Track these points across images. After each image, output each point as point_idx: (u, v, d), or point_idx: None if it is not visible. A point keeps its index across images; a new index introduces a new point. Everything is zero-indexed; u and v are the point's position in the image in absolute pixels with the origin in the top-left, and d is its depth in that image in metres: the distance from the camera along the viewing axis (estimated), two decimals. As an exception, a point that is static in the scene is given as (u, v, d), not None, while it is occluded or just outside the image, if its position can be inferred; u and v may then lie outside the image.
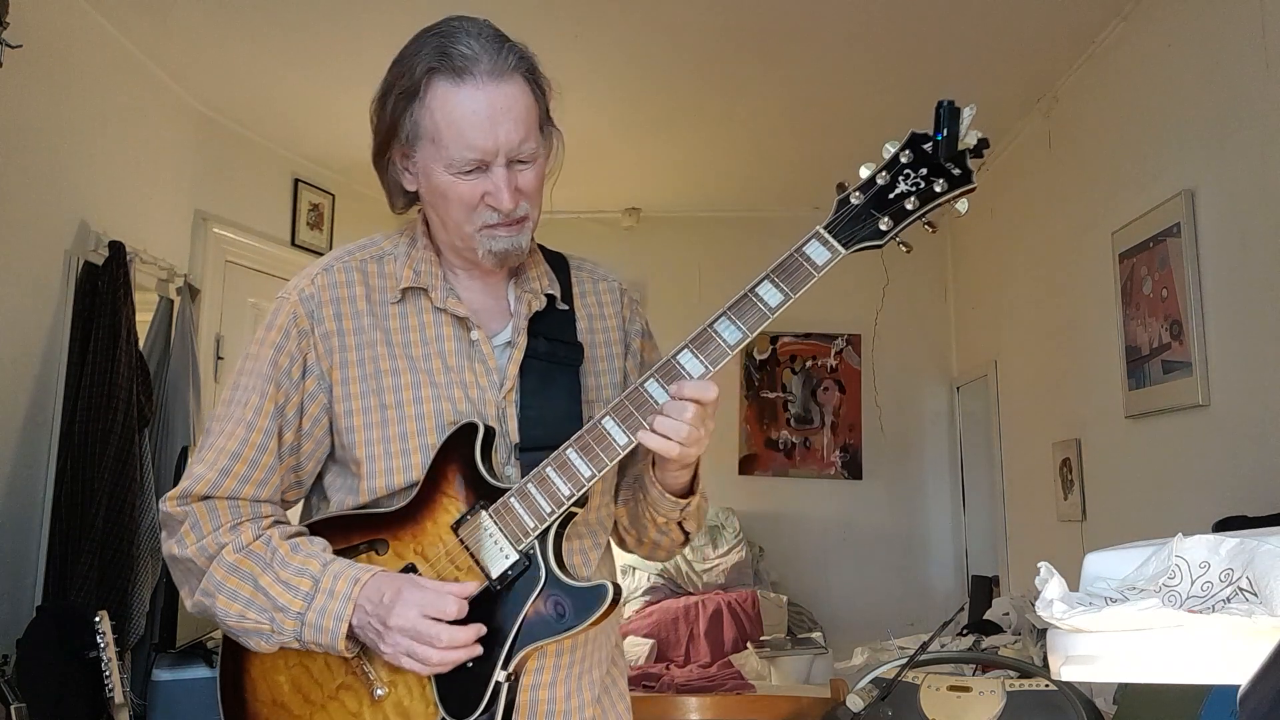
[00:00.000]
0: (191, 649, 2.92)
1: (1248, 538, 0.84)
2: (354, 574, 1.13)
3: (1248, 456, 2.33)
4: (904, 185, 1.16)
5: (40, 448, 2.82)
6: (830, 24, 3.11)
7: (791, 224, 5.54)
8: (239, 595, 1.14)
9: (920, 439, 4.90)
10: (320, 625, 1.11)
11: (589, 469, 1.14)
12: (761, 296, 1.15)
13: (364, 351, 1.22)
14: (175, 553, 1.18)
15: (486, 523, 1.15)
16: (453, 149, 1.14)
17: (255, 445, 1.19)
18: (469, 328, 1.24)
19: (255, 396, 1.20)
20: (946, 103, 1.16)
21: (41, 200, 2.85)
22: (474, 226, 1.18)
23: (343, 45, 3.29)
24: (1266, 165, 2.27)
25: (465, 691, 1.12)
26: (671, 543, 1.35)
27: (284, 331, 1.22)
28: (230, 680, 1.23)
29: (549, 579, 1.14)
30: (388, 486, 1.20)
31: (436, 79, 1.15)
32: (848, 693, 1.91)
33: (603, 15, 3.01)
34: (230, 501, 1.19)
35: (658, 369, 1.15)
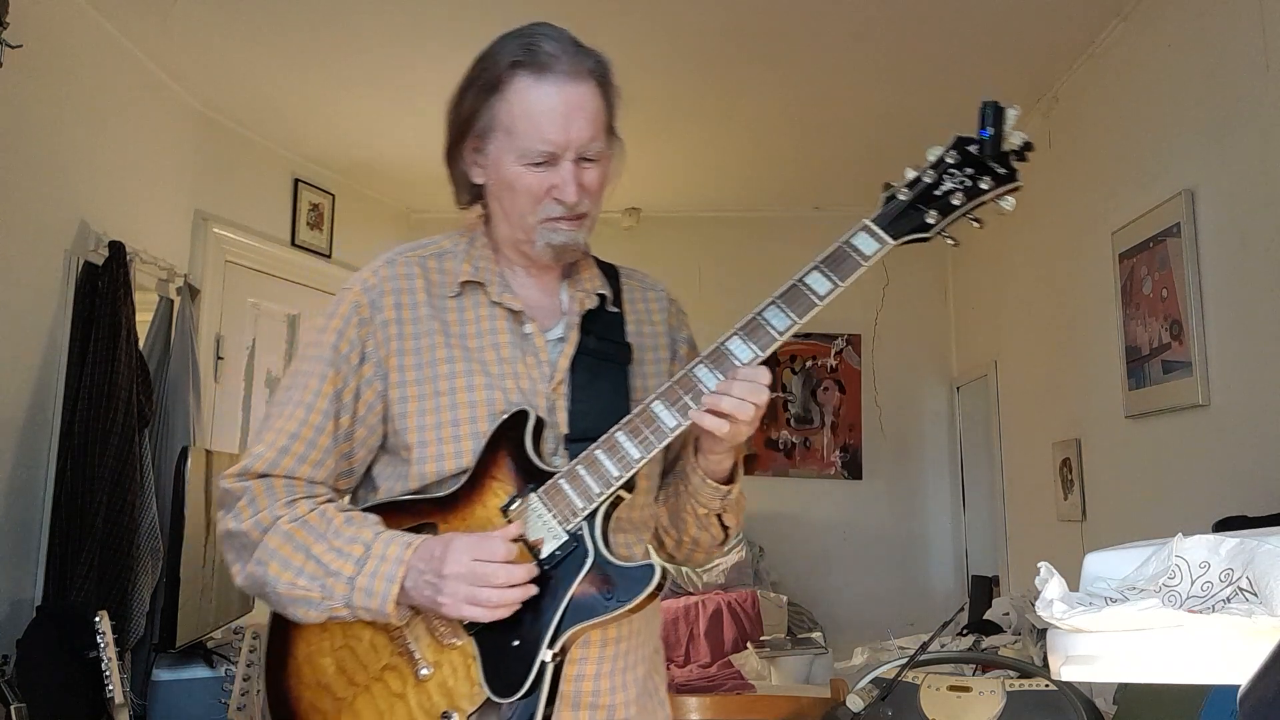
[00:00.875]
0: (191, 649, 2.93)
1: (1248, 538, 0.84)
2: (405, 539, 1.16)
3: (1248, 456, 2.33)
4: (950, 183, 1.19)
5: (40, 448, 2.82)
6: (830, 24, 3.11)
7: (791, 224, 5.56)
8: (290, 563, 1.17)
9: (920, 439, 4.90)
10: (371, 588, 1.13)
11: (638, 451, 1.16)
12: (810, 285, 1.18)
13: (421, 340, 1.26)
14: (231, 527, 1.21)
15: (536, 504, 1.18)
16: (526, 140, 1.20)
17: (313, 426, 1.23)
18: (522, 321, 1.28)
19: (315, 380, 1.24)
20: (991, 103, 1.18)
21: (41, 200, 2.86)
22: (537, 218, 1.24)
23: (343, 45, 3.30)
24: (1266, 165, 2.27)
25: (511, 670, 1.14)
26: (711, 540, 1.36)
27: (345, 319, 1.26)
28: (275, 665, 1.24)
29: (597, 559, 1.16)
30: (438, 472, 1.22)
31: (518, 73, 1.21)
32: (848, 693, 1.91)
33: (602, 15, 3.00)
34: (287, 480, 1.22)
35: (707, 355, 1.18)
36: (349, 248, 4.64)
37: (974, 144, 1.18)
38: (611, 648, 1.26)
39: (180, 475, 2.89)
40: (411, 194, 4.87)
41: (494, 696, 1.13)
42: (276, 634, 1.24)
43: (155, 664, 2.87)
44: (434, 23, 3.13)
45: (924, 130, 4.32)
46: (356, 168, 4.51)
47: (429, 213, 5.07)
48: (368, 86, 3.61)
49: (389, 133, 4.07)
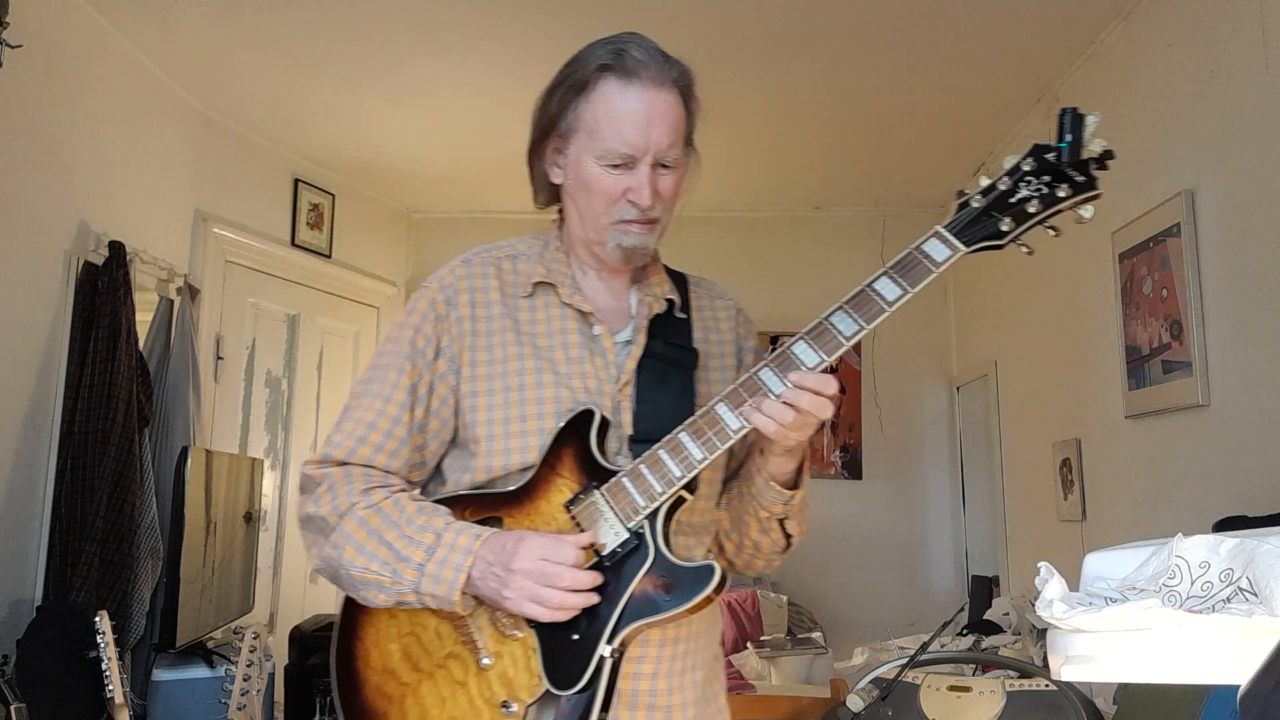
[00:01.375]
0: (191, 649, 2.93)
1: (1248, 538, 0.84)
2: (475, 531, 1.20)
3: (1248, 456, 2.33)
4: (1026, 190, 1.16)
5: (40, 448, 2.82)
6: (830, 25, 3.11)
7: (792, 224, 5.56)
8: (364, 547, 1.21)
9: (920, 439, 4.90)
10: (439, 576, 1.16)
11: (701, 452, 1.18)
12: (879, 291, 1.17)
13: (493, 338, 1.30)
14: (310, 511, 1.26)
15: (599, 501, 1.20)
16: (608, 140, 1.24)
17: (390, 417, 1.28)
18: (591, 323, 1.32)
19: (392, 373, 1.29)
20: (1071, 110, 1.15)
21: (41, 200, 2.86)
22: (610, 219, 1.27)
23: (343, 46, 3.30)
24: (1266, 165, 2.27)
25: (570, 663, 1.16)
26: (772, 546, 1.37)
27: (422, 315, 1.31)
28: (345, 648, 1.28)
29: (657, 557, 1.18)
30: (504, 466, 1.26)
31: (607, 76, 1.26)
32: (848, 693, 1.91)
33: (602, 17, 3.00)
34: (364, 469, 1.27)
35: (772, 358, 1.19)
36: (349, 248, 4.64)
37: (1051, 151, 1.16)
38: (670, 648, 1.28)
39: (180, 475, 2.90)
40: (411, 194, 4.87)
41: (552, 688, 1.16)
42: (347, 618, 1.28)
43: (155, 664, 2.87)
44: (434, 23, 3.13)
45: (924, 130, 4.34)
46: (356, 168, 4.51)
47: (429, 213, 5.07)
48: (368, 86, 3.61)
49: (389, 133, 4.07)
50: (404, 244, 5.07)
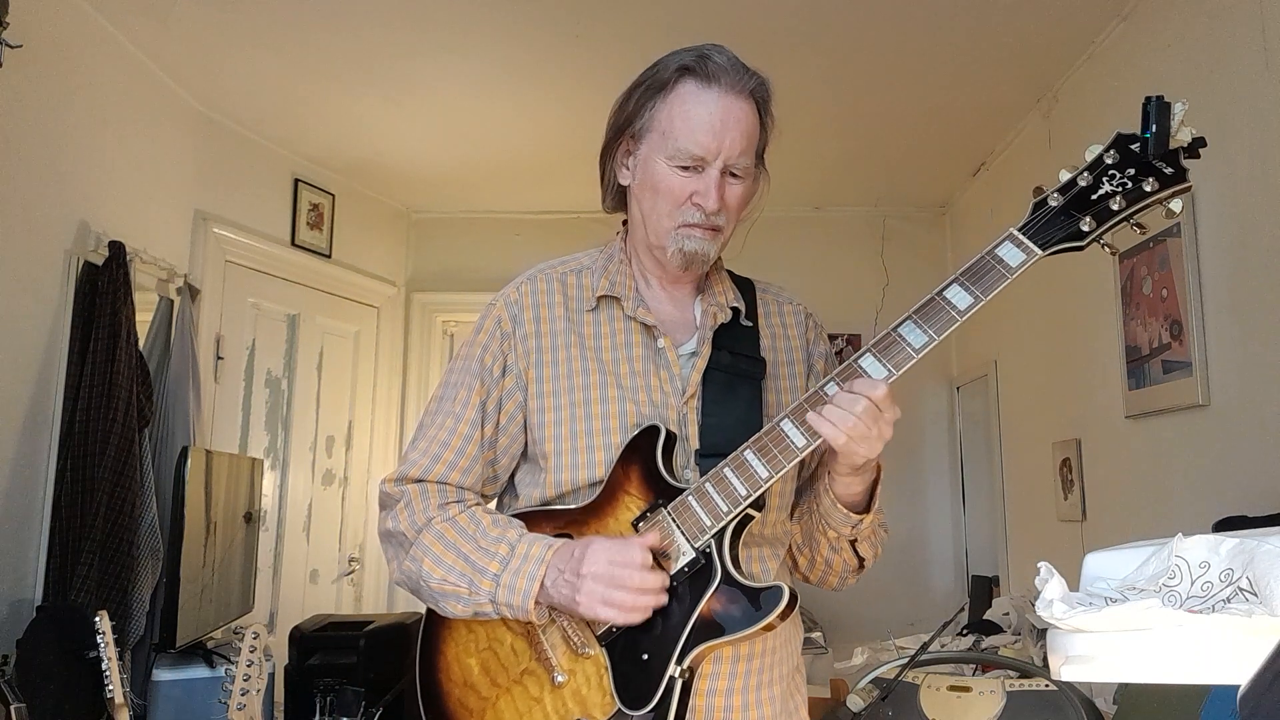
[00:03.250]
0: (191, 649, 2.93)
1: (1248, 538, 0.84)
2: (547, 541, 1.22)
3: (1248, 456, 2.33)
4: (1108, 186, 1.10)
5: (40, 448, 2.82)
6: (829, 25, 3.11)
7: (792, 224, 5.56)
8: (442, 560, 1.24)
9: (920, 439, 4.90)
10: (514, 585, 1.19)
11: (766, 470, 1.15)
12: (950, 300, 1.12)
13: (559, 353, 1.31)
14: (389, 527, 1.30)
15: (665, 520, 1.20)
16: (680, 140, 1.23)
17: (462, 435, 1.31)
18: (656, 336, 1.31)
19: (463, 391, 1.32)
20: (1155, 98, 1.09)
21: (41, 200, 2.85)
22: (674, 222, 1.27)
23: (343, 46, 3.30)
24: (1266, 165, 2.27)
25: (640, 683, 1.16)
26: (844, 565, 1.35)
27: (490, 333, 1.34)
28: (427, 661, 1.32)
29: (724, 578, 1.16)
30: (572, 481, 1.27)
31: (686, 78, 1.26)
32: (848, 693, 1.91)
33: (603, 17, 3.01)
34: (440, 485, 1.31)
35: (838, 372, 1.17)
36: (349, 248, 4.64)
37: (1136, 142, 1.09)
38: (744, 664, 1.26)
39: (180, 475, 2.90)
40: (411, 194, 4.87)
41: (625, 709, 1.16)
42: (429, 632, 1.32)
43: (155, 664, 2.87)
44: (434, 23, 3.13)
45: (924, 130, 4.34)
46: (356, 168, 4.51)
47: (429, 213, 5.07)
48: (368, 86, 3.61)
49: (389, 133, 4.07)
50: (404, 244, 5.07)
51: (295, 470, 4.29)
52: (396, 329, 4.97)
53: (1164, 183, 1.09)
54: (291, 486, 4.27)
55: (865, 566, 1.36)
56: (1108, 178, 1.10)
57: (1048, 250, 1.10)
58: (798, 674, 1.37)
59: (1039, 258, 1.10)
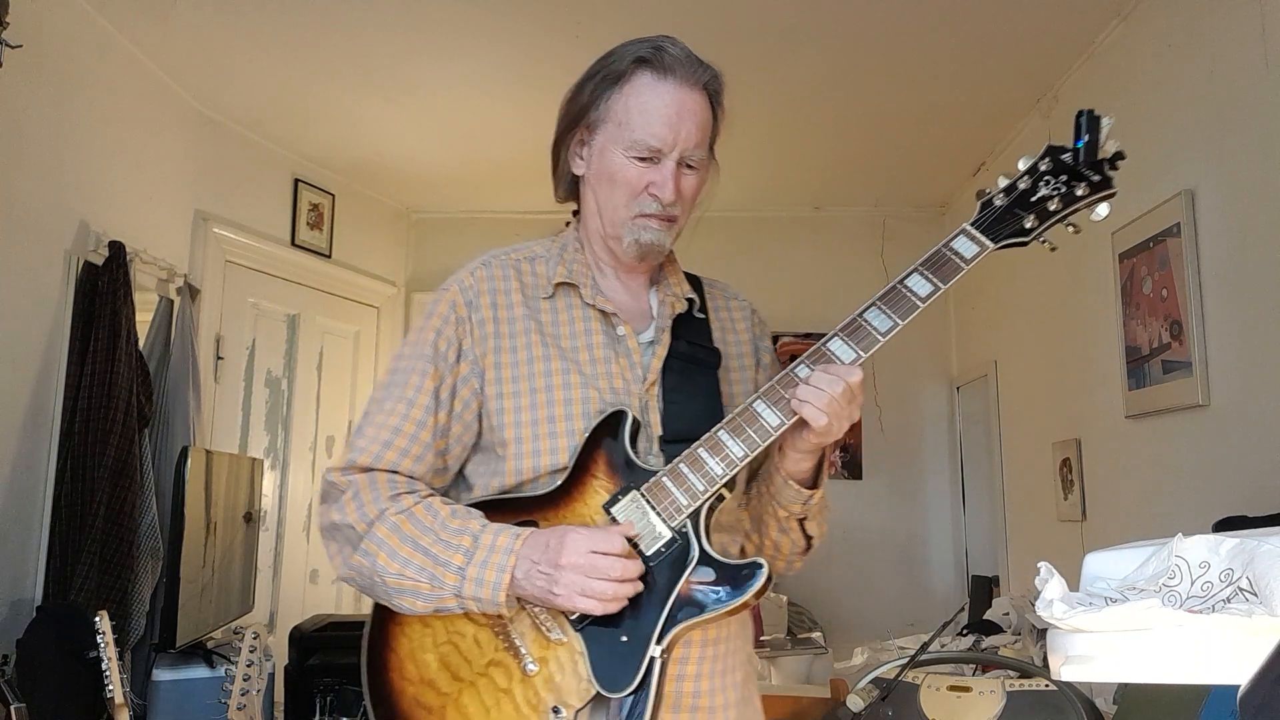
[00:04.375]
0: (191, 649, 2.93)
1: (1248, 538, 0.84)
2: (514, 531, 1.18)
3: (1248, 456, 2.33)
4: (1045, 189, 1.22)
5: (40, 448, 2.82)
6: (828, 26, 3.11)
7: (792, 224, 5.56)
8: (398, 554, 1.19)
9: (920, 439, 4.90)
10: (481, 578, 1.15)
11: (741, 449, 1.18)
12: (911, 287, 1.20)
13: (517, 340, 1.29)
14: (335, 519, 1.24)
15: (639, 501, 1.20)
16: (637, 132, 1.25)
17: (415, 421, 1.26)
18: (615, 324, 1.31)
19: (415, 377, 1.27)
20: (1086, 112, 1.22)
21: (41, 200, 2.85)
22: (630, 212, 1.28)
23: (343, 46, 3.30)
24: (1266, 165, 2.27)
25: (621, 666, 1.15)
26: (792, 546, 1.36)
27: (443, 318, 1.30)
28: (377, 660, 1.25)
29: (702, 555, 1.18)
30: (534, 469, 1.25)
31: (642, 69, 1.27)
32: (848, 693, 1.91)
33: (603, 17, 3.01)
34: (389, 475, 1.25)
35: (809, 355, 1.21)
36: (349, 248, 4.64)
37: (1067, 152, 1.22)
38: (712, 649, 1.28)
39: (180, 475, 2.89)
40: (411, 194, 4.87)
41: (604, 692, 1.14)
42: (378, 630, 1.26)
43: (155, 664, 2.87)
44: (434, 24, 3.13)
45: (924, 130, 4.34)
46: (356, 168, 4.51)
47: (429, 213, 5.07)
48: (368, 86, 3.61)
49: (389, 133, 4.07)
50: (404, 244, 5.07)
51: (295, 470, 4.29)
52: (396, 329, 4.97)
53: (1093, 189, 1.22)
54: (291, 486, 4.27)
55: (812, 546, 1.38)
56: (1044, 182, 1.22)
57: (998, 243, 1.21)
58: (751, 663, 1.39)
59: (990, 250, 1.21)
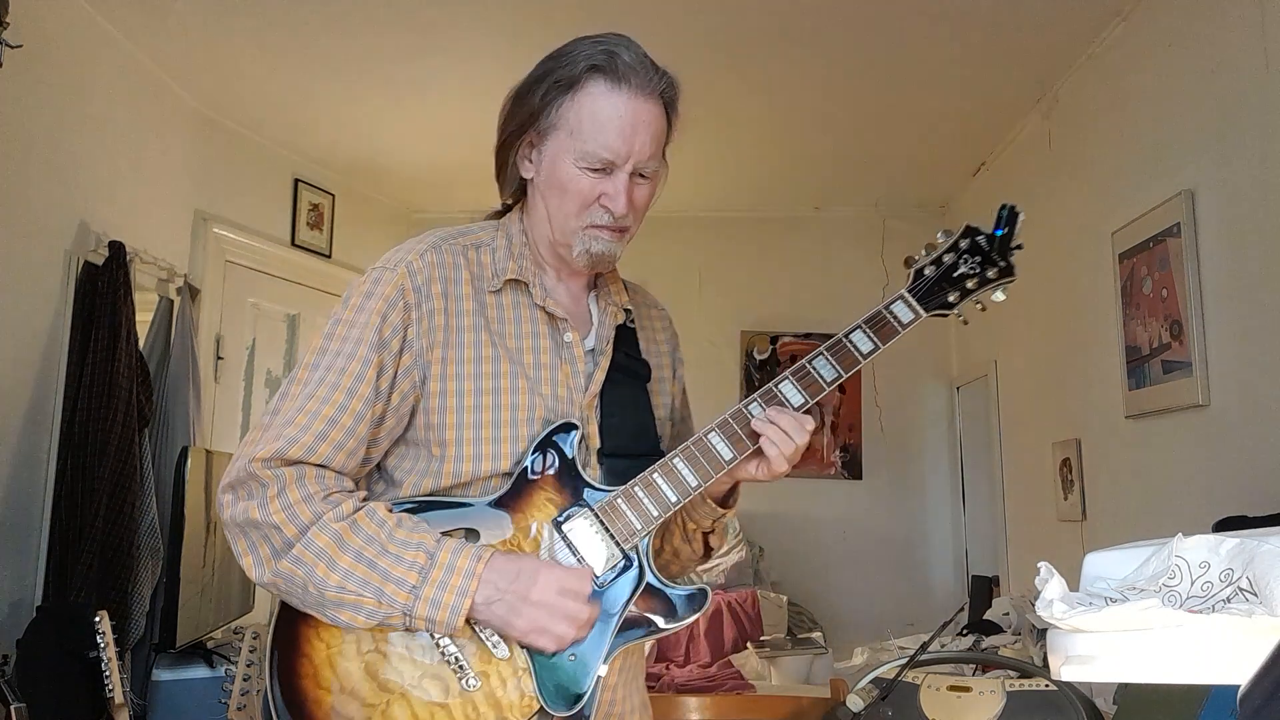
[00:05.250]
0: (191, 649, 2.93)
1: (1248, 538, 0.84)
2: (474, 551, 1.13)
3: (1248, 456, 2.33)
4: (965, 268, 1.32)
5: (40, 448, 2.82)
6: (828, 26, 3.11)
7: (791, 224, 5.55)
8: (338, 565, 1.11)
9: (920, 439, 4.90)
10: (438, 600, 1.10)
11: (695, 479, 1.22)
12: (855, 343, 1.28)
13: (465, 335, 1.23)
14: (255, 516, 1.12)
15: (592, 520, 1.20)
16: (590, 143, 1.21)
17: (354, 413, 1.16)
18: (562, 329, 1.28)
19: (356, 364, 1.18)
20: (1009, 207, 1.34)
21: (41, 200, 2.85)
22: (581, 223, 1.24)
23: (343, 45, 3.30)
24: (1266, 165, 2.27)
25: (567, 685, 1.16)
26: (690, 554, 1.40)
27: (389, 301, 1.20)
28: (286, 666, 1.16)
29: (650, 580, 1.21)
30: (474, 472, 1.20)
31: (596, 77, 1.22)
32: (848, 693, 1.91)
33: (601, 17, 3.00)
34: (319, 470, 1.15)
35: (760, 394, 1.26)
36: (349, 248, 4.64)
37: (982, 235, 1.33)
38: (625, 659, 1.28)
39: (180, 475, 2.90)
40: (411, 194, 4.87)
41: (550, 709, 1.14)
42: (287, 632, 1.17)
43: (155, 664, 2.87)
44: (434, 23, 3.13)
45: (924, 130, 4.33)
46: (356, 168, 4.51)
47: (429, 213, 5.07)
48: (368, 86, 3.61)
49: (389, 133, 4.07)
50: (404, 244, 5.07)
51: (295, 470, 4.29)
52: (396, 329, 4.97)
53: (1000, 274, 1.33)
54: (291, 486, 4.27)
55: (710, 557, 1.42)
56: (963, 260, 1.32)
57: (929, 313, 1.32)
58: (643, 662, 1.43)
59: (923, 318, 1.31)
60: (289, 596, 1.15)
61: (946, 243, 1.33)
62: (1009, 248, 1.33)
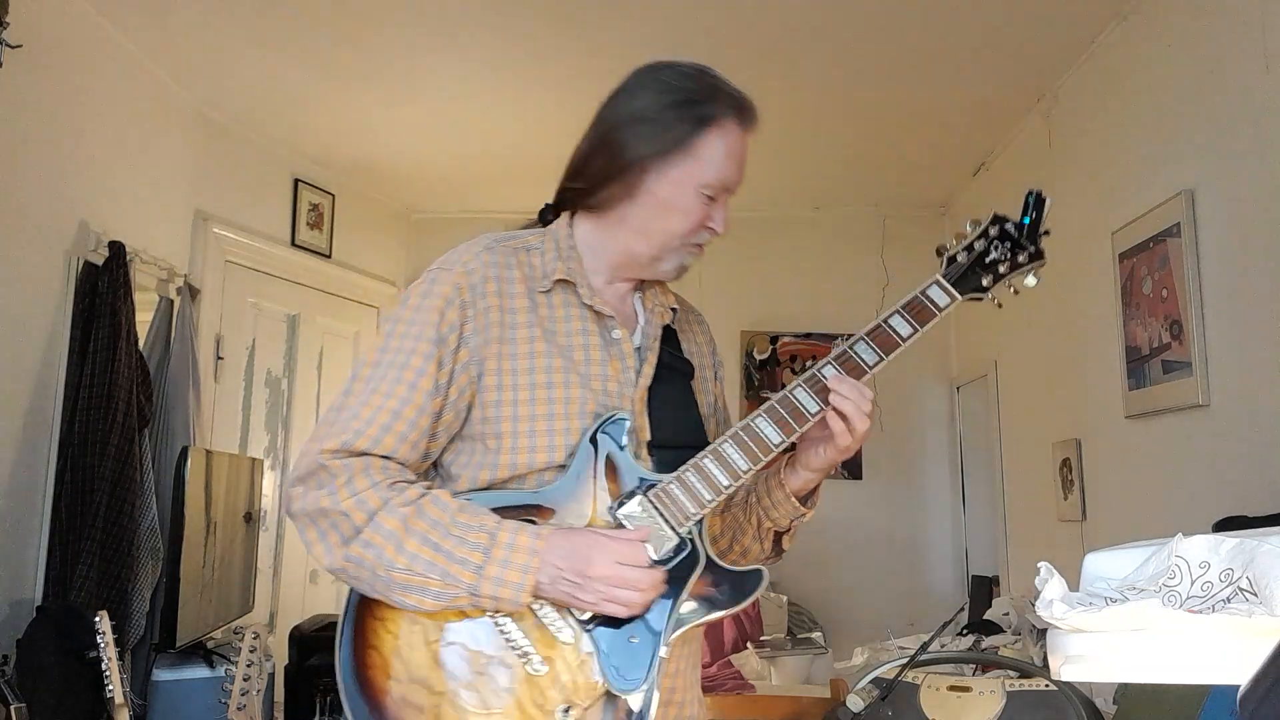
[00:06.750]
0: (191, 649, 2.93)
1: (1248, 538, 0.84)
2: (532, 529, 1.18)
3: (1248, 456, 2.33)
4: (996, 253, 1.38)
5: (40, 448, 2.82)
6: (828, 26, 3.11)
7: (791, 224, 5.56)
8: (404, 548, 1.15)
9: (920, 439, 4.90)
10: (502, 578, 1.15)
11: (745, 462, 1.26)
12: (894, 327, 1.33)
13: (519, 331, 1.28)
14: (325, 505, 1.17)
15: (647, 506, 1.24)
16: (711, 173, 1.31)
17: (417, 406, 1.22)
18: (609, 326, 1.33)
19: (418, 359, 1.23)
20: (1036, 193, 1.40)
21: (41, 200, 2.85)
22: (684, 241, 1.34)
23: (343, 45, 3.30)
24: (1266, 165, 2.27)
25: (629, 665, 1.20)
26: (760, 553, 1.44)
27: (447, 300, 1.26)
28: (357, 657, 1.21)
29: (708, 562, 1.24)
30: (529, 464, 1.24)
31: (730, 114, 1.34)
32: (848, 693, 1.91)
33: (603, 17, 3.01)
34: (383, 461, 1.21)
35: (804, 380, 1.30)
36: (349, 248, 4.64)
37: (1010, 223, 1.39)
38: (686, 647, 1.32)
39: (180, 475, 2.90)
40: (411, 194, 4.87)
41: (615, 690, 1.18)
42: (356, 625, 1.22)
43: (155, 664, 2.87)
44: (434, 23, 3.13)
45: (924, 130, 4.34)
46: (356, 168, 4.51)
47: (429, 213, 5.07)
48: (368, 86, 3.61)
49: (389, 133, 4.07)
50: (404, 244, 5.07)
51: (295, 470, 4.29)
52: (396, 329, 4.97)
53: (1030, 259, 1.38)
54: (291, 486, 4.27)
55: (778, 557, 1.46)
56: (994, 246, 1.38)
57: (964, 296, 1.36)
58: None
59: (959, 301, 1.36)
60: (357, 581, 1.19)
61: (976, 231, 1.38)
62: (1038, 233, 1.39)
